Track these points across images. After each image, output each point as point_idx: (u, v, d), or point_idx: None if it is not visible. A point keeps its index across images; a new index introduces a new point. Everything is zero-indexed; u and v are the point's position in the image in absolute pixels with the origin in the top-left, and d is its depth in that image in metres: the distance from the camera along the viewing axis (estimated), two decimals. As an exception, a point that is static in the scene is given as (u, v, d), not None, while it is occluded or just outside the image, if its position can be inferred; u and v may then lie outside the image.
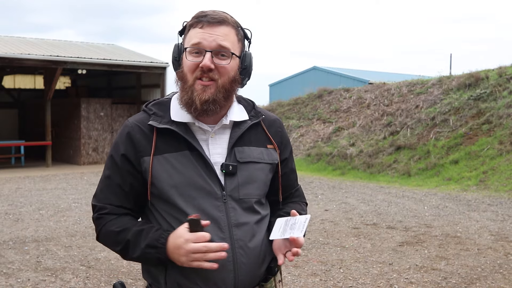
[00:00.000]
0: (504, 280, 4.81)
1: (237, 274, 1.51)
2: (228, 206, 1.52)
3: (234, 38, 1.53)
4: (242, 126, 1.59)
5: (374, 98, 16.61)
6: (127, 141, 1.55)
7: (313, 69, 27.08)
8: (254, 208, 1.57)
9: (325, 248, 5.98)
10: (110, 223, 1.54)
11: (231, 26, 1.52)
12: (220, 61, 1.49)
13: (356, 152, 13.73)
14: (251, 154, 1.57)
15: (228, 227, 1.51)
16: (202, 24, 1.50)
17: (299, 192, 1.79)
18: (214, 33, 1.49)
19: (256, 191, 1.57)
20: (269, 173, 1.62)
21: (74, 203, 9.02)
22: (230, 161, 1.54)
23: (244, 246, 1.52)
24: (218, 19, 1.50)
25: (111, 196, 1.56)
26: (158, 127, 1.53)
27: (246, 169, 1.56)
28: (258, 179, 1.58)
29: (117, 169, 1.55)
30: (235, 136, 1.56)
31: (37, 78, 20.32)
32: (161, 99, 1.63)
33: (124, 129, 1.58)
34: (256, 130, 1.62)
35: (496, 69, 14.86)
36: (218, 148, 1.55)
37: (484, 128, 12.28)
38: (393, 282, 4.77)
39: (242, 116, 1.60)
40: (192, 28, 1.52)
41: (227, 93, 1.52)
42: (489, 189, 9.94)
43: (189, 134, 1.54)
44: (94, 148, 16.27)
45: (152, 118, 1.55)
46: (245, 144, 1.58)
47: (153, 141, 1.53)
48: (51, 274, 5.01)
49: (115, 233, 1.52)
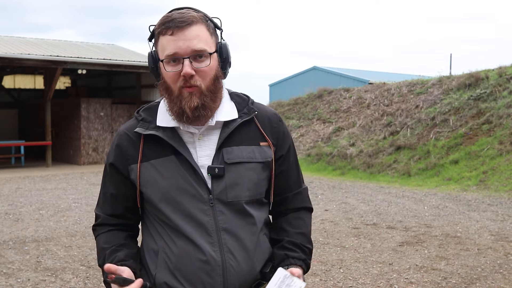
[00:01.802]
0: (504, 280, 4.81)
1: (226, 278, 1.47)
2: (215, 209, 1.48)
3: (207, 35, 1.48)
4: (231, 125, 1.53)
5: (374, 98, 16.61)
6: (116, 150, 1.57)
7: (313, 69, 27.09)
8: (245, 210, 1.52)
9: (325, 248, 5.98)
10: (100, 236, 1.60)
11: (200, 23, 1.47)
12: (200, 64, 1.46)
13: (356, 152, 13.73)
14: (240, 154, 1.52)
15: (216, 231, 1.48)
16: (172, 30, 1.44)
17: (301, 197, 1.70)
18: (186, 37, 1.44)
19: (246, 192, 1.51)
20: (262, 172, 1.56)
21: (74, 203, 9.02)
22: (217, 162, 1.49)
23: (234, 250, 1.49)
24: (187, 21, 1.44)
25: (105, 205, 1.60)
26: (145, 134, 1.52)
27: (235, 170, 1.50)
28: (247, 180, 1.52)
29: (109, 178, 1.59)
30: (223, 136, 1.51)
31: (37, 78, 20.33)
32: (151, 104, 1.61)
33: (115, 137, 1.60)
34: (248, 127, 1.56)
35: (496, 69, 14.86)
36: (207, 150, 1.52)
37: (484, 128, 12.28)
38: (393, 282, 4.77)
39: (231, 115, 1.54)
40: (161, 36, 1.47)
41: (213, 94, 1.50)
42: (489, 189, 9.94)
43: (176, 139, 1.51)
44: (94, 148, 16.27)
45: (140, 125, 1.54)
46: (235, 144, 1.52)
47: (140, 148, 1.52)
48: (51, 274, 5.01)
49: (100, 249, 1.57)
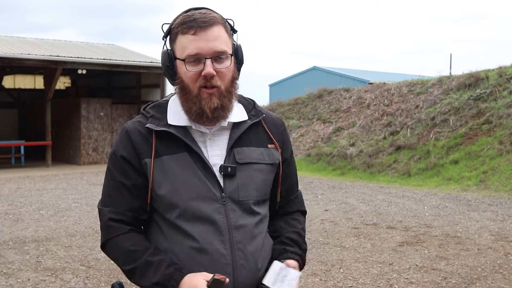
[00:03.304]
0: (504, 280, 4.81)
1: (236, 276, 1.48)
2: (227, 208, 1.49)
3: (226, 37, 1.48)
4: (241, 126, 1.55)
5: (374, 98, 16.61)
6: (127, 143, 1.52)
7: (313, 69, 27.10)
8: (252, 209, 1.54)
9: (325, 248, 5.98)
10: (123, 237, 1.49)
11: (220, 24, 1.46)
12: (220, 65, 1.46)
13: (356, 152, 13.72)
14: (250, 154, 1.54)
15: (228, 229, 1.49)
16: (194, 30, 1.43)
17: (298, 200, 1.73)
18: (208, 38, 1.43)
19: (255, 192, 1.54)
20: (270, 173, 1.59)
21: (74, 203, 9.02)
22: (229, 162, 1.51)
23: (243, 248, 1.50)
24: (209, 22, 1.44)
25: (118, 200, 1.51)
26: (156, 130, 1.50)
27: (246, 170, 1.52)
28: (257, 180, 1.54)
29: (120, 171, 1.52)
30: (234, 137, 1.53)
31: (37, 78, 20.31)
32: (159, 102, 1.60)
33: (122, 131, 1.55)
34: (256, 129, 1.59)
35: (496, 69, 14.86)
36: (217, 149, 1.52)
37: (484, 128, 12.28)
38: (393, 282, 4.77)
39: (241, 116, 1.56)
40: (181, 35, 1.45)
41: (231, 95, 1.50)
42: (489, 189, 9.94)
43: (188, 137, 1.51)
44: (94, 148, 16.27)
45: (150, 121, 1.52)
46: (245, 145, 1.54)
47: (153, 143, 1.50)
48: (51, 274, 5.01)
49: (127, 251, 1.48)
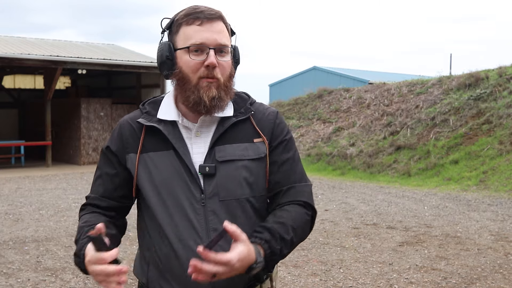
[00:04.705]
0: (504, 280, 4.81)
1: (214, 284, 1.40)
2: (207, 209, 1.45)
3: (227, 34, 1.50)
4: (225, 123, 1.51)
5: (374, 98, 16.61)
6: (117, 136, 1.56)
7: (313, 69, 27.09)
8: (237, 209, 1.47)
9: (325, 248, 5.98)
10: (82, 217, 1.54)
11: (223, 20, 1.49)
12: (222, 58, 1.47)
13: (356, 152, 13.73)
14: (232, 152, 1.48)
15: (206, 231, 1.44)
16: (201, 21, 1.45)
17: (296, 190, 1.53)
18: (214, 29, 1.45)
19: (238, 191, 1.47)
20: (258, 168, 1.50)
21: (74, 203, 9.02)
22: (209, 161, 1.47)
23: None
24: (215, 15, 1.46)
25: (97, 186, 1.57)
26: (146, 125, 1.51)
27: (227, 168, 1.47)
28: (240, 178, 1.47)
29: (104, 160, 1.57)
30: (216, 135, 1.49)
31: (37, 78, 20.31)
32: (157, 98, 1.61)
33: (117, 125, 1.60)
34: (243, 125, 1.53)
35: (496, 69, 14.86)
36: (202, 147, 1.49)
37: (484, 128, 12.28)
38: (393, 282, 4.77)
39: (226, 112, 1.52)
40: (186, 25, 1.46)
41: (228, 89, 1.50)
42: (489, 189, 9.94)
43: (175, 133, 1.50)
44: (94, 148, 16.26)
45: (143, 116, 1.54)
46: (228, 142, 1.49)
47: (140, 138, 1.51)
48: (51, 274, 5.01)
49: (78, 228, 1.51)
